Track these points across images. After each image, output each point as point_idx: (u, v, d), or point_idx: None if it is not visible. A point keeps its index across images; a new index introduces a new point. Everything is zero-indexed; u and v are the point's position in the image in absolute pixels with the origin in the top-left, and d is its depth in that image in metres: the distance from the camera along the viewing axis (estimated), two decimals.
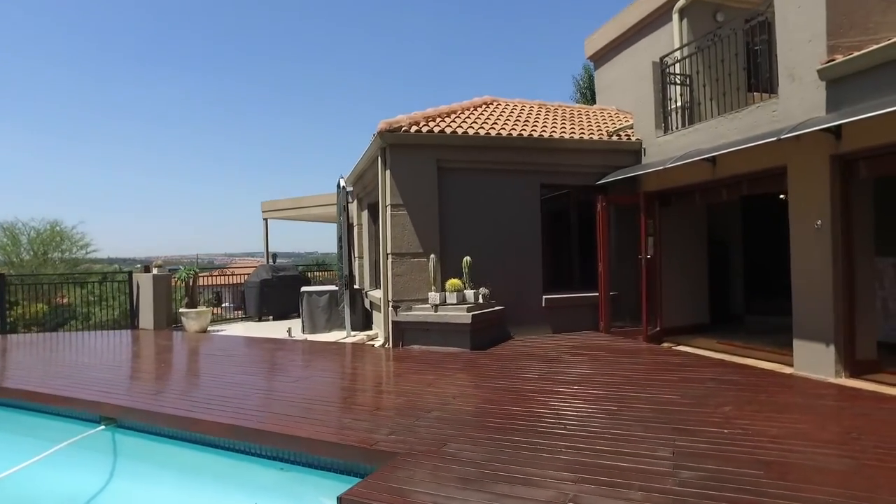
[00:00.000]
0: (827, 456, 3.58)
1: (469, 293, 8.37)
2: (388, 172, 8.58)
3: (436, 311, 8.18)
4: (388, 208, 8.56)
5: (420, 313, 8.28)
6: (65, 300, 15.53)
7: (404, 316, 8.37)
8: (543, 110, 11.13)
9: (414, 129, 8.54)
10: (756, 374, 6.07)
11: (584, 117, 10.96)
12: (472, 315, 7.88)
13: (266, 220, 16.47)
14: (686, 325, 9.71)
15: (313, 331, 11.06)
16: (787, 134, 5.99)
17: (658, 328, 9.13)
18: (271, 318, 13.89)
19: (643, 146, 9.41)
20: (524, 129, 9.21)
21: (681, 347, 8.62)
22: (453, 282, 8.31)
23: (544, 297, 9.07)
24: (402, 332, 8.46)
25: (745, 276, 11.11)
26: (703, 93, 8.45)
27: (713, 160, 7.82)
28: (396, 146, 8.57)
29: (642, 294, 8.76)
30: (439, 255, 8.59)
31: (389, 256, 8.57)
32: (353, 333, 10.12)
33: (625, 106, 11.32)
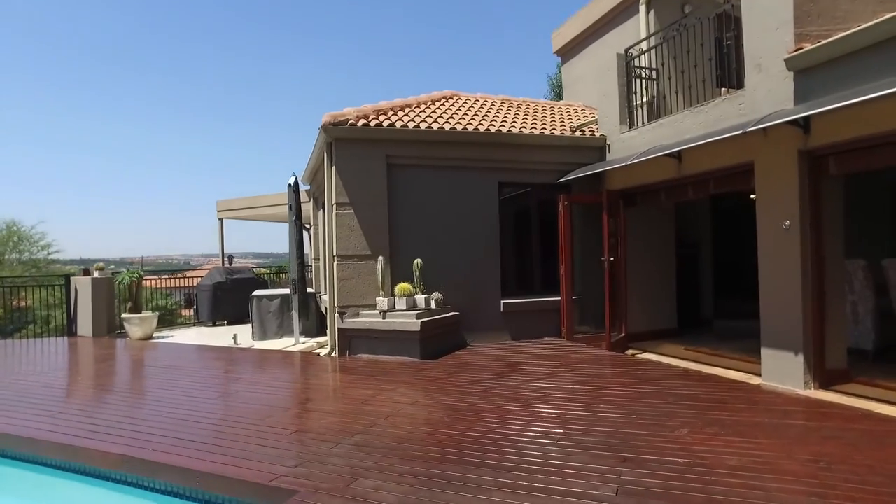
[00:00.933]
0: (792, 493, 3.08)
1: (420, 298, 7.81)
2: (333, 169, 7.98)
3: (384, 317, 7.60)
4: (334, 207, 7.96)
5: (367, 320, 7.69)
6: (24, 303, 14.57)
7: (350, 323, 7.78)
8: (506, 105, 10.62)
9: (362, 122, 7.96)
10: (721, 387, 5.61)
11: (549, 113, 10.47)
12: (422, 322, 7.32)
13: (221, 220, 15.72)
14: (652, 330, 9.28)
15: (263, 337, 10.42)
16: (751, 127, 5.54)
17: (623, 334, 8.67)
18: (226, 322, 13.21)
19: (608, 142, 8.94)
20: (482, 124, 8.68)
21: (645, 355, 8.16)
22: (403, 286, 7.74)
23: (503, 301, 8.56)
24: (349, 341, 7.87)
25: (714, 279, 10.73)
26: (669, 86, 8.01)
27: (679, 157, 7.37)
28: (343, 141, 7.97)
29: (606, 298, 8.28)
30: (388, 258, 8.02)
31: (335, 259, 7.97)
32: (302, 341, 9.49)
33: (592, 102, 10.88)
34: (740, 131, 5.67)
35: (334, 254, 7.98)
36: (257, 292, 11.08)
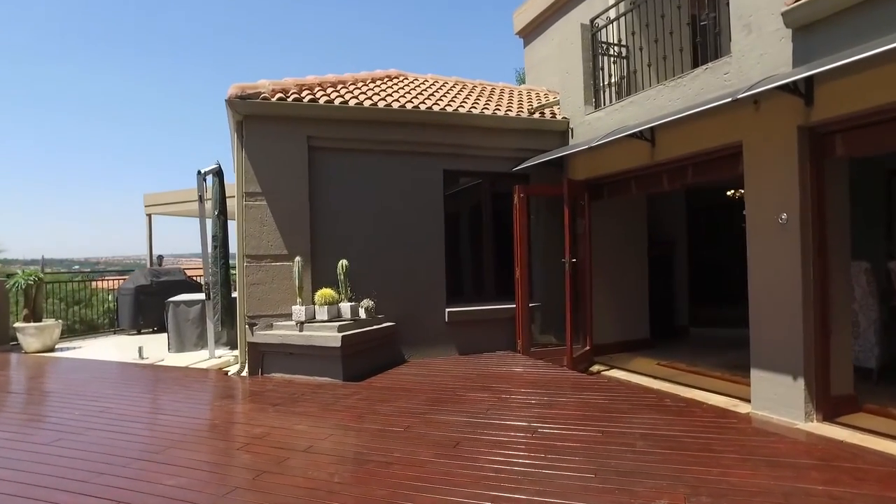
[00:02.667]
0: None
1: (346, 307, 6.52)
2: (243, 152, 6.64)
3: (301, 329, 6.28)
4: (244, 198, 6.62)
5: (282, 333, 6.37)
6: None
7: (262, 336, 6.44)
8: (459, 87, 9.38)
9: (278, 97, 6.63)
10: (704, 422, 4.42)
11: (508, 97, 9.26)
12: (344, 336, 6.03)
13: (150, 215, 14.15)
14: (622, 341, 8.14)
15: (181, 349, 9.00)
16: (744, 93, 4.40)
17: (587, 347, 7.50)
18: (153, 330, 11.76)
19: (570, 126, 7.77)
20: (425, 104, 7.42)
21: (613, 373, 6.99)
22: (325, 292, 6.43)
23: (448, 310, 7.31)
24: (262, 357, 6.54)
25: (690, 283, 9.65)
26: (641, 58, 6.85)
27: (652, 140, 6.22)
28: (255, 119, 6.64)
29: (567, 305, 7.08)
30: (309, 259, 6.71)
31: (244, 259, 6.62)
32: (219, 354, 8.11)
33: (557, 86, 9.70)
34: (729, 98, 4.54)
35: (243, 253, 6.63)
36: (176, 297, 9.66)
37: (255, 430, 4.45)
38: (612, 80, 7.57)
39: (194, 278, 13.55)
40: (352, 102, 6.91)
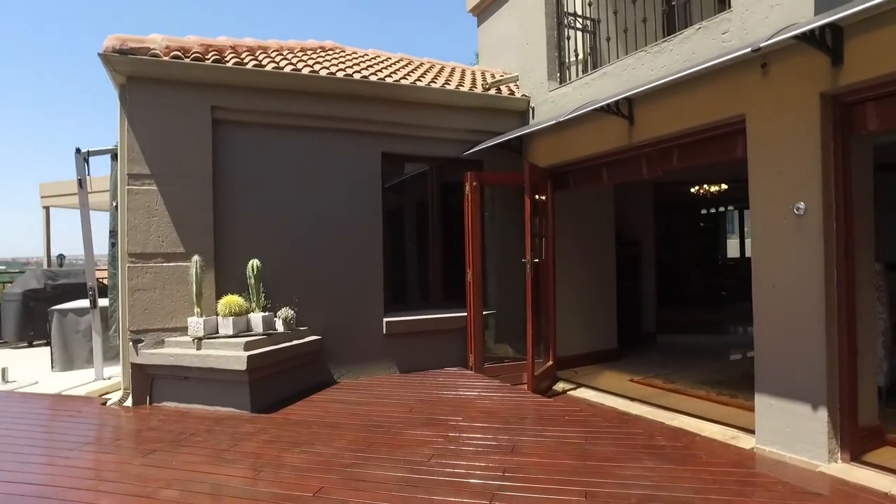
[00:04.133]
0: None
1: (257, 318, 5.23)
2: (126, 124, 5.26)
3: (199, 347, 4.97)
4: (127, 181, 5.24)
5: (174, 351, 5.03)
6: None
7: (150, 356, 5.08)
8: (404, 63, 8.18)
9: (173, 54, 5.27)
10: (717, 475, 3.38)
11: (459, 75, 8.12)
12: (251, 356, 4.75)
13: (47, 208, 12.32)
14: (588, 353, 7.15)
15: (68, 366, 7.56)
16: (771, 38, 3.40)
17: (550, 362, 6.44)
18: (46, 342, 10.03)
19: (531, 105, 6.70)
20: (361, 75, 6.20)
21: (581, 393, 5.95)
22: (231, 301, 5.13)
23: (387, 319, 6.10)
24: (150, 382, 5.17)
25: (658, 286, 8.78)
26: (616, 23, 5.83)
27: (630, 117, 5.21)
28: (141, 81, 5.25)
29: (527, 314, 5.99)
30: (213, 258, 5.38)
31: (127, 258, 5.23)
32: (108, 375, 6.64)
33: (516, 69, 8.63)
34: (742, 51, 3.54)
35: (126, 251, 5.24)
36: (63, 305, 8.11)
37: (101, 502, 3.14)
38: (580, 57, 6.54)
39: (103, 280, 11.84)
40: (270, 68, 5.62)
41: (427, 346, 6.30)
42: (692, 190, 11.00)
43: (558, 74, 6.43)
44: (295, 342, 5.37)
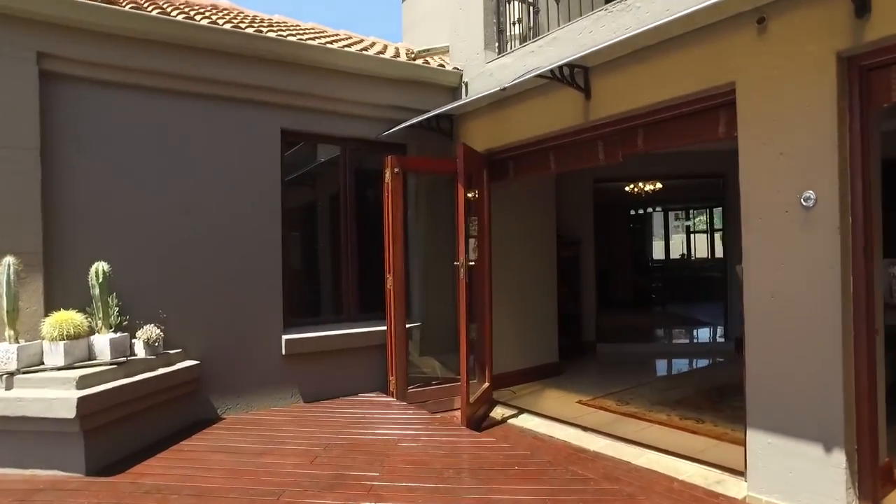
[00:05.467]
0: None
1: (103, 340, 3.88)
2: None
3: (9, 386, 3.56)
4: None
5: None
6: None
7: None
8: (317, 31, 6.93)
9: None
10: None
11: (379, 48, 6.98)
12: (84, 396, 3.41)
13: None
14: (527, 368, 6.23)
15: None
16: None
17: (487, 384, 5.44)
18: None
19: (465, 79, 5.69)
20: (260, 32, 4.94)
21: (523, 421, 4.99)
22: (61, 318, 3.75)
23: (287, 337, 4.87)
24: None
25: (598, 291, 8.04)
26: None
27: (586, 89, 4.30)
28: None
29: (460, 327, 4.95)
30: (41, 259, 3.96)
31: None
32: None
33: (445, 42, 7.59)
34: None
35: None
36: None
37: None
38: (524, 25, 5.61)
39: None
40: (129, 7, 4.25)
41: (338, 367, 5.14)
42: (626, 188, 10.46)
43: (497, 44, 5.46)
44: (161, 371, 4.05)
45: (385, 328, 5.22)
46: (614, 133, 4.34)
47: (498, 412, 5.27)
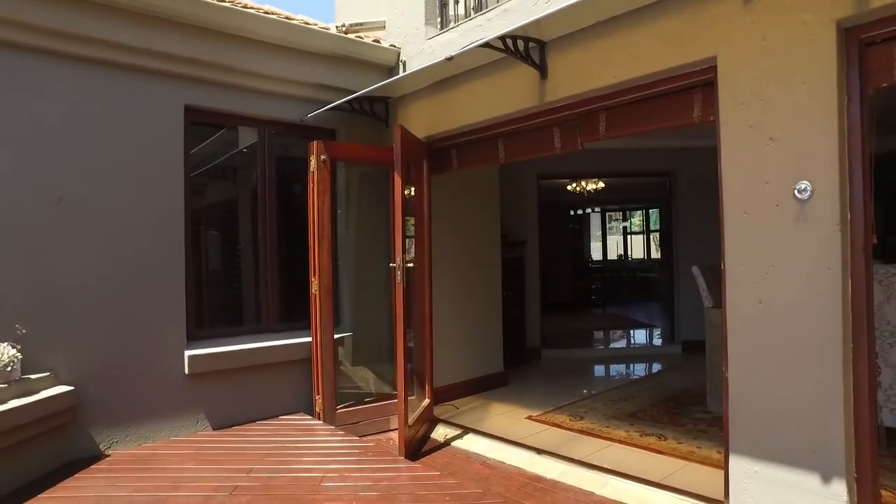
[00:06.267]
0: None
1: None
2: None
3: None
4: None
5: None
6: None
7: None
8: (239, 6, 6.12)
9: None
10: None
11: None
12: None
13: None
14: (470, 379, 5.68)
15: None
16: None
17: (428, 400, 4.84)
18: None
19: (403, 58, 5.07)
20: None
21: (469, 443, 4.42)
22: None
23: (190, 353, 4.08)
24: None
25: (543, 293, 7.61)
26: None
27: (541, 67, 3.78)
28: None
29: (397, 336, 4.32)
30: None
31: None
32: None
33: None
34: None
35: None
36: None
37: None
38: (467, 5, 5.03)
39: None
40: None
41: (255, 386, 4.40)
42: (569, 187, 10.15)
43: (439, 19, 4.87)
44: (14, 404, 3.20)
45: (309, 339, 4.53)
46: (573, 117, 3.84)
47: (440, 432, 4.68)
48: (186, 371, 4.05)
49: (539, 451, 4.06)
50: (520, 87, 3.94)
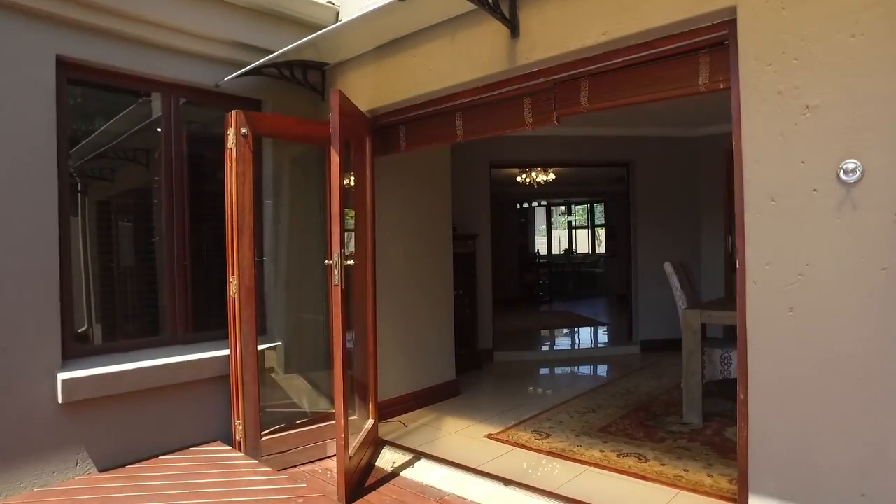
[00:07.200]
0: None
1: None
2: None
3: None
4: None
5: None
6: None
7: None
8: None
9: None
10: None
11: None
12: None
13: None
14: (419, 391, 5.01)
15: None
16: None
17: (370, 419, 4.13)
18: None
19: (342, 17, 4.30)
20: None
21: (421, 473, 3.73)
22: None
23: (65, 376, 3.18)
24: None
25: (495, 292, 7.01)
26: None
27: (512, 24, 3.13)
28: None
29: (334, 346, 3.56)
30: None
31: None
32: None
33: None
34: None
35: None
36: None
37: None
38: None
39: None
40: None
41: (156, 413, 3.55)
42: (518, 178, 9.62)
43: None
44: None
45: (226, 352, 3.72)
46: (549, 86, 3.21)
47: (387, 458, 3.97)
48: (60, 399, 3.15)
49: (506, 482, 3.43)
50: (485, 48, 3.28)
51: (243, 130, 3.63)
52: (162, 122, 3.83)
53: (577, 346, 7.98)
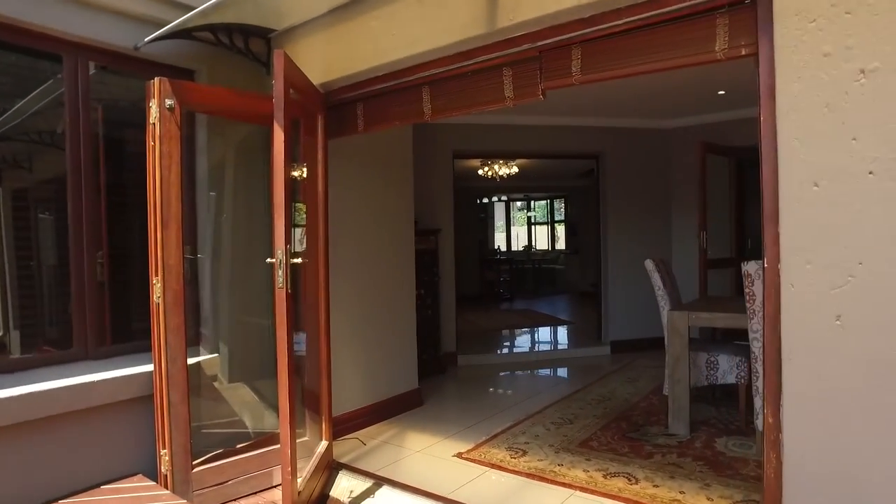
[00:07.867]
0: None
1: None
2: None
3: None
4: None
5: None
6: None
7: None
8: None
9: None
10: None
11: None
12: None
13: None
14: (378, 402, 4.49)
15: None
16: None
17: (324, 440, 3.59)
18: None
19: None
20: None
21: (383, 502, 3.24)
22: None
23: None
24: None
25: (457, 291, 6.54)
26: None
27: None
28: None
29: (279, 357, 3.02)
30: None
31: None
32: None
33: None
34: None
35: None
36: None
37: None
38: None
39: None
40: None
41: (61, 445, 2.92)
42: (480, 171, 9.19)
43: None
44: None
45: (150, 367, 3.11)
46: (534, 53, 2.74)
47: (343, 486, 3.45)
48: None
49: None
50: (459, 8, 2.78)
51: (168, 102, 3.02)
52: (67, 90, 3.18)
53: (544, 348, 7.60)
